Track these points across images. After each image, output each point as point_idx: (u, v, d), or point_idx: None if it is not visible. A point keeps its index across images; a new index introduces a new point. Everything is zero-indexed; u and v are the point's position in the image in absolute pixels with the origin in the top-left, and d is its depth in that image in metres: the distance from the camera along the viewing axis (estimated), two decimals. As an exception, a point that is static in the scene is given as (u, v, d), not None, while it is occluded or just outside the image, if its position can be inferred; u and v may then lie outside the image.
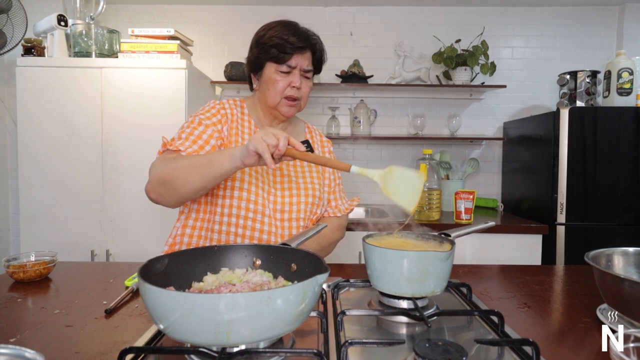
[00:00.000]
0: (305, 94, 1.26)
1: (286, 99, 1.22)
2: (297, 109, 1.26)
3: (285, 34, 1.19)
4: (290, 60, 1.19)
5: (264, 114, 1.30)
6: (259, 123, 1.29)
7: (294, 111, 1.26)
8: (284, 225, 1.21)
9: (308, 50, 1.22)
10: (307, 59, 1.22)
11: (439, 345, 0.58)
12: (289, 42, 1.18)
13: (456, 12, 2.83)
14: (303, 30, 1.23)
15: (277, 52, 1.19)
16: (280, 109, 1.24)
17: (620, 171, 2.16)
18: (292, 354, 0.63)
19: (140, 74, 2.17)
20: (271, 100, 1.23)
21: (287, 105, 1.23)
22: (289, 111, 1.24)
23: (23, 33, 2.44)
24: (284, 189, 1.24)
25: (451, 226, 2.15)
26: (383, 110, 2.87)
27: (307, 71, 1.23)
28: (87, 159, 2.18)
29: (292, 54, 1.19)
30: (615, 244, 1.11)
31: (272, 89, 1.21)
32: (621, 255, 0.88)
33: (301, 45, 1.19)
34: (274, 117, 1.28)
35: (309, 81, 1.26)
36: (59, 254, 1.11)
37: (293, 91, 1.21)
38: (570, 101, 2.38)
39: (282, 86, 1.20)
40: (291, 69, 1.20)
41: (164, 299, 0.56)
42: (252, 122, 1.28)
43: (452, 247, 0.81)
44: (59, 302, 0.90)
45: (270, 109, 1.26)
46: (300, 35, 1.20)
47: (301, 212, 1.23)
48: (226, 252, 0.80)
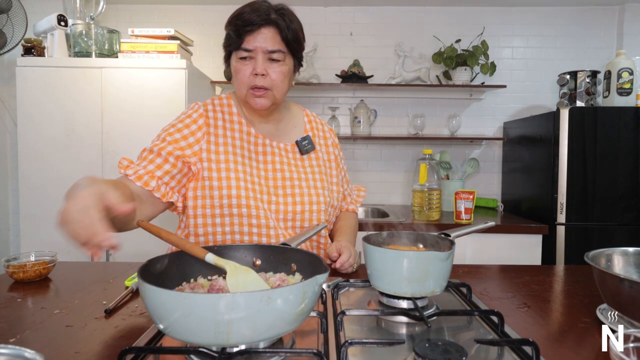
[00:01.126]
0: (278, 81, 1.07)
1: (252, 90, 1.07)
2: (269, 100, 1.09)
3: (241, 13, 1.04)
4: (245, 42, 1.03)
5: (247, 111, 1.17)
6: (249, 122, 1.17)
7: (266, 102, 1.09)
8: (288, 232, 1.12)
9: (267, 28, 1.04)
10: (270, 39, 1.04)
11: (438, 345, 0.58)
12: (241, 22, 1.03)
13: (456, 12, 2.83)
14: (264, 6, 1.05)
15: (232, 35, 1.04)
16: (249, 101, 1.09)
17: (620, 171, 2.16)
18: (292, 354, 0.63)
19: (140, 74, 2.17)
20: (239, 93, 1.10)
21: (254, 96, 1.07)
22: (258, 103, 1.08)
23: (23, 33, 2.44)
24: (287, 195, 1.12)
25: (451, 226, 2.15)
26: (383, 110, 2.87)
27: (272, 52, 1.04)
28: (87, 159, 2.18)
29: (244, 35, 1.03)
30: (615, 244, 1.11)
31: (237, 79, 1.08)
32: (621, 255, 0.88)
33: (256, 21, 1.02)
34: (255, 112, 1.15)
35: (280, 65, 1.06)
36: (59, 254, 1.11)
37: (258, 79, 1.05)
38: (570, 101, 2.38)
39: (245, 75, 1.05)
40: (250, 53, 1.04)
41: (164, 299, 0.56)
42: (242, 122, 1.15)
43: (452, 247, 0.81)
44: (58, 302, 0.90)
45: (245, 103, 1.12)
46: (256, 12, 1.03)
47: (305, 222, 1.14)
48: (226, 252, 0.80)
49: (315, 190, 1.16)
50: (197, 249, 0.74)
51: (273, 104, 1.11)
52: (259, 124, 1.18)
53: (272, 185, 1.12)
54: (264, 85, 1.06)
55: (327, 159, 1.26)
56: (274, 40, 1.05)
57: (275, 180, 1.13)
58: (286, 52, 1.07)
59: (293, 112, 1.27)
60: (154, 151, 1.03)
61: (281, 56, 1.06)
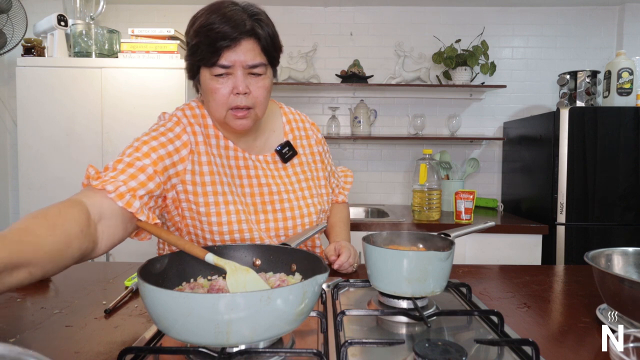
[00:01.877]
0: (260, 97, 0.96)
1: (233, 111, 0.95)
2: (251, 120, 0.98)
3: (212, 24, 0.89)
4: (222, 59, 0.90)
5: (223, 130, 1.04)
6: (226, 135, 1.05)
7: (249, 123, 0.97)
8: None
9: (248, 40, 0.91)
10: (250, 51, 0.91)
11: (438, 345, 0.58)
12: (213, 35, 0.89)
13: (456, 12, 2.83)
14: (235, 13, 0.91)
15: (204, 50, 0.90)
16: (230, 123, 0.97)
17: (620, 171, 2.16)
18: (292, 354, 0.63)
19: (140, 74, 2.17)
20: (217, 115, 0.97)
21: (236, 117, 0.95)
22: (241, 125, 0.97)
23: (23, 33, 2.44)
24: (276, 210, 1.05)
25: (451, 226, 2.15)
26: (383, 110, 2.87)
27: (252, 66, 0.92)
28: (87, 159, 2.18)
29: (220, 51, 0.89)
30: (615, 244, 1.11)
31: (213, 100, 0.94)
32: (621, 255, 0.88)
33: (234, 35, 0.89)
34: (233, 131, 1.02)
35: (262, 79, 0.95)
36: (58, 254, 1.11)
37: (239, 99, 0.93)
38: (570, 101, 2.38)
39: (223, 95, 0.93)
40: (227, 69, 0.91)
41: (164, 299, 0.56)
42: (219, 136, 1.03)
43: (452, 247, 0.81)
44: (58, 302, 0.90)
45: (223, 124, 1.00)
46: (230, 22, 0.89)
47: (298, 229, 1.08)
48: (226, 252, 0.80)
49: (304, 201, 1.09)
50: (197, 249, 0.74)
51: (255, 123, 1.01)
52: (235, 138, 1.06)
53: (260, 201, 1.04)
54: (247, 104, 0.94)
55: (311, 161, 1.17)
56: (254, 52, 0.92)
57: (262, 196, 1.05)
58: (267, 64, 0.96)
59: (270, 114, 1.14)
60: (135, 165, 0.86)
61: (262, 70, 0.95)
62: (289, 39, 2.80)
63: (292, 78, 2.70)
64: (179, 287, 0.75)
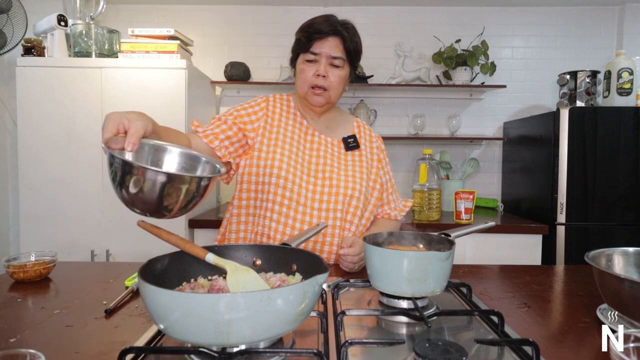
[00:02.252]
0: (335, 84, 1.23)
1: (312, 88, 1.22)
2: (325, 99, 1.24)
3: (313, 23, 1.21)
4: (313, 47, 1.20)
5: (303, 108, 1.31)
6: (303, 116, 1.31)
7: (322, 100, 1.24)
8: (321, 215, 1.20)
9: (333, 37, 1.20)
10: (334, 46, 1.20)
11: (439, 345, 0.58)
12: (313, 29, 1.20)
13: (456, 12, 2.83)
14: (333, 19, 1.23)
15: (304, 41, 1.21)
16: (308, 98, 1.24)
17: (620, 171, 2.16)
18: (292, 354, 0.63)
19: (140, 74, 2.17)
20: (300, 90, 1.25)
21: (314, 94, 1.23)
22: (315, 100, 1.24)
23: (23, 33, 2.44)
24: (325, 178, 1.23)
25: (451, 226, 2.15)
26: (383, 110, 2.86)
27: (334, 58, 1.20)
28: (87, 159, 2.18)
29: (313, 41, 1.19)
30: (615, 244, 1.11)
31: (300, 78, 1.24)
32: (621, 255, 0.88)
33: (325, 30, 1.19)
34: (310, 109, 1.29)
35: (339, 70, 1.23)
36: (59, 254, 1.11)
37: (319, 80, 1.21)
38: (570, 101, 2.38)
39: (309, 75, 1.21)
40: (316, 56, 1.20)
41: (164, 299, 0.56)
42: (297, 114, 1.30)
43: (452, 247, 0.81)
44: (59, 302, 0.90)
45: (303, 100, 1.27)
46: (326, 23, 1.20)
47: (339, 204, 1.21)
48: (226, 252, 0.80)
49: (353, 179, 1.25)
50: (197, 249, 0.75)
51: (327, 103, 1.26)
52: (311, 119, 1.32)
53: (314, 169, 1.24)
54: (323, 85, 1.21)
55: (370, 158, 1.35)
56: (338, 48, 1.21)
57: (317, 165, 1.25)
58: (345, 60, 1.22)
59: (344, 116, 1.41)
60: (222, 119, 1.20)
61: (341, 63, 1.22)
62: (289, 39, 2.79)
63: (292, 78, 2.68)
64: (179, 287, 0.75)
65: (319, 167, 1.25)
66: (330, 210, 1.21)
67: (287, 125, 1.27)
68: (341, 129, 1.35)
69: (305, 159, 1.24)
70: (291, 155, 1.22)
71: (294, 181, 1.19)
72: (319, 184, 1.22)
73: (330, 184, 1.22)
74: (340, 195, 1.22)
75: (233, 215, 1.25)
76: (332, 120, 1.35)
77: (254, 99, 1.30)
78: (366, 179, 1.29)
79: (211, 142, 1.14)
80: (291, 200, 1.18)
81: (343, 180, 1.24)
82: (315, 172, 1.23)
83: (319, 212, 1.20)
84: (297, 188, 1.19)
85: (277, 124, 1.26)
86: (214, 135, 1.16)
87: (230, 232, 1.25)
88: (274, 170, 1.18)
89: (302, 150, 1.25)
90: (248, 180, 1.22)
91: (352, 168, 1.28)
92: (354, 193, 1.24)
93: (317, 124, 1.32)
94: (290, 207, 1.18)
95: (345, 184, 1.23)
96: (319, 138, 1.30)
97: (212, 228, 2.23)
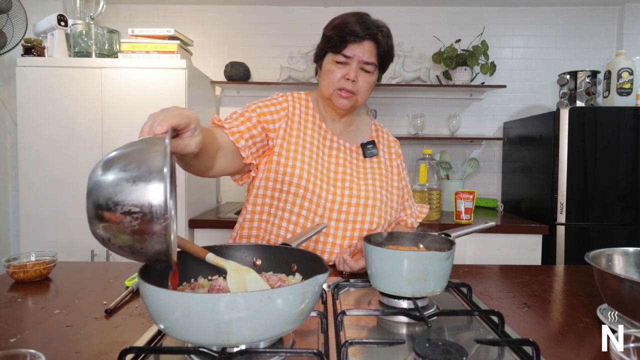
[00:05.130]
0: (363, 89, 1.17)
1: (339, 91, 1.16)
2: (352, 103, 1.18)
3: (347, 22, 1.13)
4: (345, 50, 1.13)
5: (324, 107, 1.25)
6: (322, 117, 1.25)
7: (348, 104, 1.18)
8: (339, 226, 1.15)
9: (368, 41, 1.14)
10: (368, 51, 1.14)
11: (439, 345, 0.58)
12: (346, 30, 1.12)
13: (456, 12, 2.83)
14: (369, 20, 1.15)
15: (335, 40, 1.13)
16: (334, 100, 1.18)
17: (620, 171, 2.16)
18: (292, 354, 0.63)
19: (140, 74, 2.17)
20: (325, 90, 1.19)
21: (340, 97, 1.16)
22: (342, 103, 1.17)
23: (23, 33, 2.44)
24: (345, 187, 1.18)
25: (451, 226, 2.15)
26: (383, 110, 2.86)
27: (366, 63, 1.14)
28: (87, 159, 2.18)
29: (347, 43, 1.12)
30: (615, 244, 1.11)
31: (327, 79, 1.17)
32: (621, 255, 0.88)
33: (361, 34, 1.12)
34: (333, 110, 1.23)
35: (369, 75, 1.17)
36: (59, 254, 1.11)
37: (347, 84, 1.14)
38: (570, 101, 2.38)
39: (337, 77, 1.15)
40: (347, 59, 1.14)
41: (164, 299, 0.56)
42: (316, 117, 1.24)
43: (452, 247, 0.81)
44: (59, 302, 0.90)
45: (327, 100, 1.21)
46: (362, 24, 1.12)
47: (359, 215, 1.17)
48: (226, 252, 0.80)
49: (373, 188, 1.21)
50: (197, 249, 0.75)
51: (352, 107, 1.21)
52: (330, 122, 1.26)
53: (333, 177, 1.19)
54: (352, 89, 1.15)
55: (389, 165, 1.30)
56: (371, 53, 1.15)
57: (337, 174, 1.20)
58: (377, 66, 1.17)
59: (363, 118, 1.36)
60: (245, 116, 1.11)
61: (372, 68, 1.16)
62: (289, 39, 2.80)
63: (292, 78, 2.70)
64: (179, 287, 0.75)
65: (337, 176, 1.19)
66: (349, 222, 1.16)
67: (307, 129, 1.20)
68: (360, 133, 1.31)
69: (325, 166, 1.19)
70: (311, 163, 1.16)
71: (313, 191, 1.13)
72: (338, 193, 1.16)
73: (350, 194, 1.17)
74: (361, 207, 1.17)
75: (246, 221, 1.20)
76: (352, 123, 1.30)
77: (273, 97, 1.22)
78: (386, 187, 1.24)
79: (237, 141, 1.05)
80: (309, 212, 1.13)
81: (363, 190, 1.19)
82: (334, 181, 1.18)
83: (337, 223, 1.15)
84: (317, 198, 1.13)
85: (297, 127, 1.19)
86: (239, 133, 1.07)
87: (241, 237, 1.21)
88: (293, 179, 1.12)
89: (321, 157, 1.20)
90: (265, 186, 1.15)
91: (372, 177, 1.23)
92: (375, 203, 1.19)
93: (336, 126, 1.27)
94: (307, 218, 1.13)
95: (366, 194, 1.18)
96: (337, 144, 1.24)
97: (212, 228, 2.23)
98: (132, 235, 0.50)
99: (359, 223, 1.17)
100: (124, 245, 0.51)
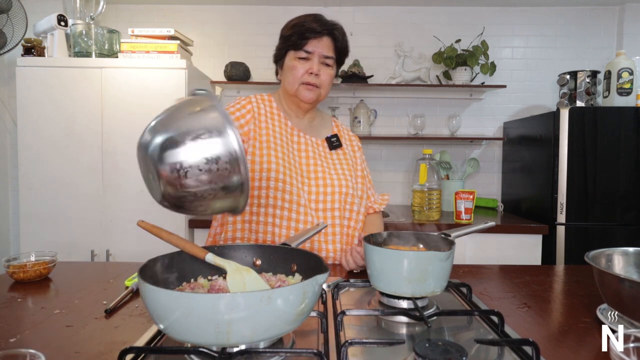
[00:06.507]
0: (325, 82, 1.26)
1: (304, 85, 1.23)
2: (316, 96, 1.26)
3: (304, 21, 1.22)
4: (307, 46, 1.21)
5: (288, 105, 1.31)
6: (287, 115, 1.31)
7: (313, 96, 1.25)
8: (319, 215, 1.21)
9: (327, 37, 1.23)
10: (327, 46, 1.23)
11: (439, 345, 0.58)
12: (305, 28, 1.21)
13: (456, 12, 2.83)
14: (324, 19, 1.25)
15: (296, 38, 1.21)
16: (299, 94, 1.25)
17: (620, 171, 2.16)
18: (292, 354, 0.63)
19: (140, 74, 2.17)
20: (289, 87, 1.25)
21: (306, 89, 1.24)
22: (307, 96, 1.25)
23: (23, 33, 2.44)
24: (318, 178, 1.25)
25: (451, 226, 2.15)
26: (383, 110, 2.86)
27: (326, 57, 1.23)
28: (87, 159, 2.18)
29: (308, 39, 1.21)
30: (615, 244, 1.11)
31: (291, 75, 1.24)
32: (621, 255, 0.88)
33: (319, 30, 1.21)
34: (297, 106, 1.30)
35: (329, 69, 1.26)
36: (59, 254, 1.11)
37: (311, 78, 1.22)
38: (570, 101, 2.38)
39: (300, 72, 1.22)
40: (309, 55, 1.22)
41: (164, 299, 0.56)
42: (281, 115, 1.30)
43: (452, 247, 0.81)
44: (59, 302, 0.90)
45: (292, 97, 1.28)
46: (319, 22, 1.22)
47: (335, 203, 1.24)
48: (226, 252, 0.80)
49: (344, 177, 1.28)
50: (197, 249, 0.75)
51: (316, 100, 1.28)
52: (295, 118, 1.33)
53: (306, 170, 1.25)
54: (315, 83, 1.24)
55: (352, 156, 1.38)
56: (330, 48, 1.25)
57: (309, 166, 1.26)
58: (335, 60, 1.27)
59: (324, 116, 1.44)
60: None
61: (332, 62, 1.26)
62: (289, 39, 2.80)
63: (292, 78, 2.69)
64: (179, 287, 0.75)
65: (310, 168, 1.26)
66: (328, 210, 1.23)
67: (275, 127, 1.26)
68: (323, 128, 1.38)
69: (297, 160, 1.25)
70: (284, 158, 1.22)
71: (292, 183, 1.19)
72: (313, 184, 1.23)
73: (324, 184, 1.24)
74: (337, 194, 1.24)
75: (229, 223, 1.21)
76: (315, 118, 1.38)
77: (236, 101, 1.28)
78: (354, 175, 1.33)
79: None
80: (292, 203, 1.18)
81: (336, 179, 1.26)
82: (308, 173, 1.25)
83: (316, 212, 1.21)
84: (296, 190, 1.19)
85: (265, 126, 1.25)
86: None
87: (225, 240, 1.21)
88: (271, 174, 1.18)
89: (291, 152, 1.26)
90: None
91: (340, 166, 1.31)
92: (348, 190, 1.27)
93: (301, 123, 1.33)
94: (291, 209, 1.18)
95: (339, 182, 1.26)
96: (304, 139, 1.31)
97: (212, 228, 2.23)
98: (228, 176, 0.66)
99: (338, 210, 1.24)
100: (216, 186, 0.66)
